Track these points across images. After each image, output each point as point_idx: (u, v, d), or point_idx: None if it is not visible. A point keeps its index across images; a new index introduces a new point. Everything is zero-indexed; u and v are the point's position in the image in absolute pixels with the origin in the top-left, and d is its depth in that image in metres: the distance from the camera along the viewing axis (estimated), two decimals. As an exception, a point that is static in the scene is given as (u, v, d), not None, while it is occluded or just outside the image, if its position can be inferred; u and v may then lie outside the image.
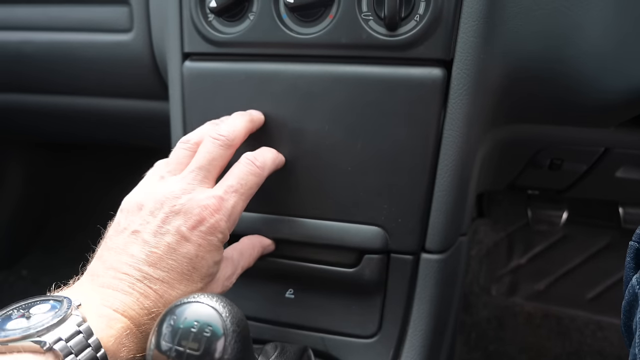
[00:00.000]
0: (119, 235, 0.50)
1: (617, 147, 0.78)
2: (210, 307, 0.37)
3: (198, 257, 0.49)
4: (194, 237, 0.48)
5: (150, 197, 0.51)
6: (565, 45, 0.61)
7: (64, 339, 0.39)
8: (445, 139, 0.62)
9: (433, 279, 0.65)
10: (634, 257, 0.50)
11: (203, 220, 0.49)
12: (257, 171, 0.56)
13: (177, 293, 0.47)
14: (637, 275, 0.47)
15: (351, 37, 0.61)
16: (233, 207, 0.52)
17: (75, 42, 0.83)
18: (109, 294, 0.45)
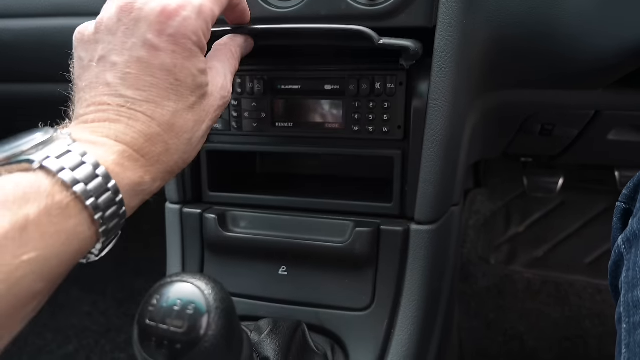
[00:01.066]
0: (86, 70, 0.45)
1: (607, 110, 0.77)
2: (193, 285, 0.37)
3: (177, 67, 0.43)
4: (164, 44, 0.43)
5: (104, 14, 0.46)
6: (548, 6, 0.59)
7: (55, 157, 0.36)
8: (431, 109, 0.62)
9: (424, 250, 0.66)
10: (620, 217, 0.51)
11: (168, 21, 0.43)
12: None
13: (168, 110, 0.43)
14: (623, 235, 0.47)
15: (330, 9, 0.60)
16: (201, 2, 0.45)
17: (56, 27, 0.81)
18: (97, 126, 0.41)
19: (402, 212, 0.67)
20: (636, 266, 0.44)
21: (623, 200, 0.51)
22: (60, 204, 0.35)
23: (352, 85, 0.65)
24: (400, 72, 0.63)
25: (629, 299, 0.43)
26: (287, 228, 0.69)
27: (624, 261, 0.46)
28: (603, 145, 0.88)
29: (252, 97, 0.69)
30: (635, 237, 0.46)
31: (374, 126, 0.66)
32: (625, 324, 0.43)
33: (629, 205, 0.50)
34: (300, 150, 0.71)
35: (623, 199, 0.51)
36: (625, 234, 0.47)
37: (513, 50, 0.63)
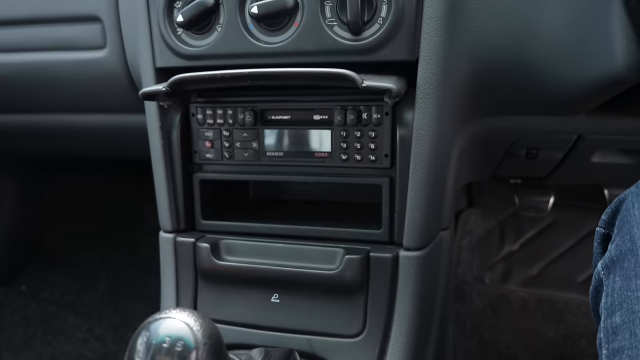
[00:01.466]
0: None
1: (589, 134, 0.79)
2: (181, 321, 0.38)
3: None
4: None
5: None
6: (527, 38, 0.62)
7: None
8: (416, 138, 0.63)
9: (413, 276, 0.67)
10: (600, 242, 0.51)
11: None
12: None
13: None
14: (602, 261, 0.48)
15: (317, 44, 0.62)
16: None
17: (50, 61, 0.83)
18: None
19: (391, 238, 0.69)
20: (614, 292, 0.45)
21: (602, 225, 0.52)
22: None
23: (340, 116, 0.67)
24: (386, 103, 0.65)
25: (608, 325, 0.44)
26: (279, 256, 0.70)
27: (604, 287, 0.47)
28: (588, 167, 0.90)
29: (243, 127, 0.71)
30: (614, 263, 0.47)
31: (362, 155, 0.68)
32: (605, 350, 0.44)
33: (608, 230, 0.51)
34: (290, 179, 0.73)
35: (602, 224, 0.52)
36: (604, 260, 0.48)
37: (493, 81, 0.65)
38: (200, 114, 0.73)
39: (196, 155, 0.74)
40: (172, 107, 0.73)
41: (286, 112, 0.70)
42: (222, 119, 0.72)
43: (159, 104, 0.70)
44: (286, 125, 0.70)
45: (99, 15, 0.79)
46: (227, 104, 0.72)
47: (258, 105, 0.71)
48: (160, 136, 0.73)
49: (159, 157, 0.73)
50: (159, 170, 0.74)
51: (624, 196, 0.51)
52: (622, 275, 0.45)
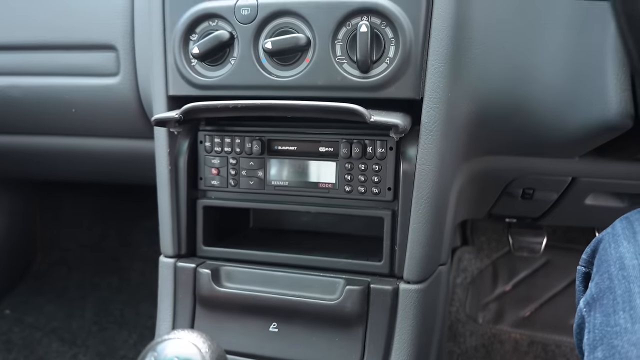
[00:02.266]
0: None
1: (583, 177, 0.82)
2: (190, 342, 0.38)
3: None
4: None
5: None
6: (525, 82, 0.65)
7: None
8: (419, 173, 0.66)
9: (413, 309, 0.67)
10: (582, 280, 0.54)
11: None
12: None
13: None
14: (583, 298, 0.50)
15: (327, 80, 0.65)
16: None
17: (63, 86, 0.85)
18: None
19: (392, 270, 0.70)
20: (595, 328, 0.47)
21: (583, 264, 0.55)
22: None
23: (345, 148, 0.69)
24: (391, 138, 0.68)
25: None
26: (279, 284, 0.71)
27: (586, 324, 0.49)
28: (581, 209, 0.93)
29: (249, 156, 0.73)
30: (594, 301, 0.49)
31: (365, 187, 0.69)
32: None
33: (588, 269, 0.54)
34: (294, 208, 0.74)
35: (583, 262, 0.55)
36: (585, 298, 0.50)
37: (492, 122, 0.68)
38: (208, 142, 0.75)
39: (202, 181, 0.76)
40: (181, 135, 0.75)
41: (293, 143, 0.72)
42: (229, 147, 0.74)
43: (169, 130, 0.72)
44: (292, 155, 0.72)
45: (114, 44, 0.82)
46: (235, 132, 0.74)
47: (265, 135, 0.73)
48: (168, 162, 0.74)
49: (165, 183, 0.75)
50: (164, 195, 0.75)
51: (601, 237, 0.54)
52: (602, 311, 0.47)
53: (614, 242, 0.51)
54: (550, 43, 0.63)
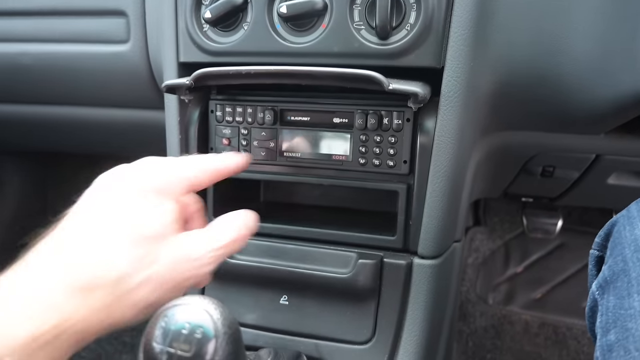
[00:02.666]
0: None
1: (607, 154, 0.79)
2: (201, 309, 0.37)
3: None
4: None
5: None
6: (553, 52, 0.62)
7: None
8: (437, 146, 0.63)
9: (426, 285, 0.66)
10: (594, 264, 0.53)
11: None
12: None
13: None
14: (596, 281, 0.49)
15: (343, 46, 0.62)
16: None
17: (73, 53, 0.84)
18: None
19: (405, 245, 0.68)
20: (608, 311, 0.46)
21: (596, 248, 0.54)
22: None
23: (360, 120, 0.67)
24: (408, 109, 0.65)
25: (604, 343, 0.45)
26: (290, 257, 0.70)
27: (598, 306, 0.48)
28: (602, 189, 0.90)
29: (261, 126, 0.71)
30: (607, 283, 0.48)
31: (380, 160, 0.67)
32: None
33: (602, 253, 0.53)
34: (306, 180, 0.72)
35: (596, 246, 0.54)
36: (598, 281, 0.50)
37: (517, 94, 0.65)
38: (220, 111, 0.73)
39: (212, 152, 0.74)
40: (192, 103, 0.73)
41: (306, 113, 0.70)
42: (241, 117, 0.72)
43: (180, 98, 0.70)
44: (305, 126, 0.70)
45: (124, 9, 0.80)
46: (247, 102, 0.72)
47: (278, 105, 0.71)
48: (179, 131, 0.72)
49: (176, 152, 0.73)
50: (174, 165, 0.74)
51: (616, 219, 0.53)
52: (615, 294, 0.47)
53: (629, 224, 0.50)
54: (582, 10, 0.59)
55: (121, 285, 0.40)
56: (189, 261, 0.44)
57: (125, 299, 0.40)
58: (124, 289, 0.40)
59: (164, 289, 0.42)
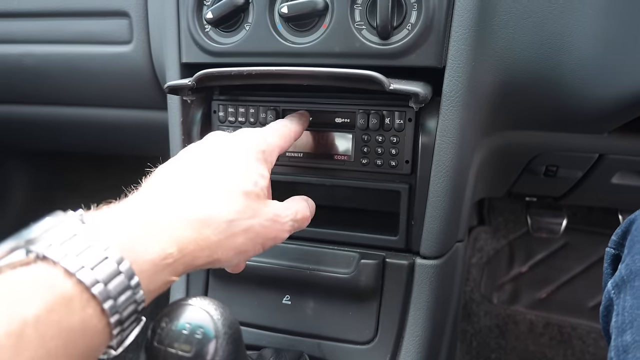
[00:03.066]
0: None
1: (611, 154, 0.78)
2: (202, 309, 0.37)
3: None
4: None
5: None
6: (555, 52, 0.62)
7: (58, 243, 0.33)
8: (439, 146, 0.63)
9: (428, 285, 0.66)
10: (610, 262, 0.52)
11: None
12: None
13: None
14: (612, 280, 0.48)
15: (344, 46, 0.62)
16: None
17: (76, 54, 0.84)
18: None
19: (408, 246, 0.68)
20: (624, 311, 0.45)
21: (612, 246, 0.53)
22: (62, 297, 0.31)
23: (362, 119, 0.67)
24: (410, 109, 0.65)
25: (619, 344, 0.44)
26: (292, 257, 0.70)
27: (614, 306, 0.47)
28: (606, 188, 0.89)
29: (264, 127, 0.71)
30: (624, 283, 0.47)
31: (382, 160, 0.67)
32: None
33: (618, 251, 0.52)
34: (308, 180, 0.72)
35: (612, 244, 0.53)
36: (614, 279, 0.49)
37: (518, 93, 0.65)
38: (222, 112, 0.73)
39: (215, 152, 0.74)
40: (194, 104, 0.73)
41: (308, 113, 0.70)
42: (243, 117, 0.72)
43: (182, 98, 0.70)
44: (307, 126, 0.70)
45: (127, 10, 0.80)
46: (249, 102, 0.72)
47: (280, 105, 0.71)
48: (181, 131, 0.73)
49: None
50: (177, 165, 0.74)
51: (635, 217, 0.52)
52: (632, 294, 0.46)
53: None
54: (584, 9, 0.59)
55: (229, 228, 0.44)
56: (277, 223, 0.50)
57: (228, 242, 0.44)
58: (230, 232, 0.44)
59: (256, 241, 0.48)
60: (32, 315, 0.29)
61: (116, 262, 0.34)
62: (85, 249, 0.33)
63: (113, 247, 0.34)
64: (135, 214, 0.40)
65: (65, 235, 0.34)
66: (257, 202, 0.49)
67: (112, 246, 0.34)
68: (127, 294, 0.34)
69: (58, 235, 0.34)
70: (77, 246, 0.33)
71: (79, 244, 0.33)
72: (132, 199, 0.43)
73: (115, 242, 0.35)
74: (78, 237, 0.34)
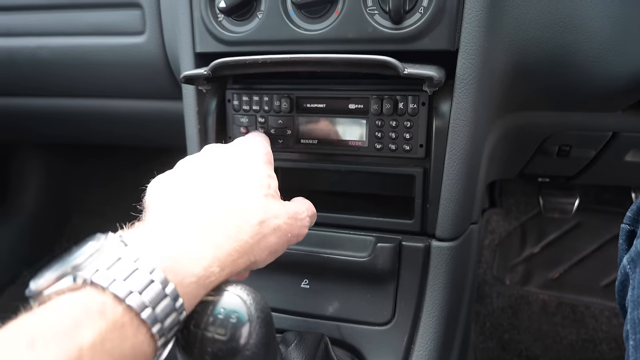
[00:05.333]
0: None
1: (624, 131, 0.78)
2: (235, 295, 0.39)
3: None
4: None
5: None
6: (568, 30, 0.61)
7: (105, 268, 0.33)
8: (453, 129, 0.64)
9: (444, 266, 0.67)
10: (625, 238, 0.53)
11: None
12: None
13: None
14: (628, 255, 0.49)
15: (357, 32, 0.62)
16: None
17: (90, 45, 0.85)
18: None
19: (423, 228, 0.69)
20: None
21: (627, 222, 0.53)
22: (114, 324, 0.31)
23: (376, 105, 0.67)
24: (423, 93, 0.66)
25: (635, 317, 0.45)
26: (309, 242, 0.71)
27: (630, 280, 0.48)
28: (620, 167, 0.89)
29: (278, 114, 0.72)
30: (639, 257, 0.47)
31: (397, 144, 0.68)
32: (632, 341, 0.45)
33: (633, 227, 0.53)
34: (323, 166, 0.73)
35: (627, 220, 0.53)
36: (629, 254, 0.49)
37: (532, 73, 0.65)
38: (236, 100, 0.74)
39: (230, 140, 0.75)
40: (209, 93, 0.74)
41: (322, 100, 0.71)
42: (257, 105, 0.73)
43: (197, 88, 0.71)
44: (321, 113, 0.71)
45: (139, 1, 0.80)
46: (263, 90, 0.72)
47: (294, 92, 0.71)
48: (197, 121, 0.74)
49: (195, 142, 0.74)
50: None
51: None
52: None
53: None
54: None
55: (261, 230, 0.46)
56: (298, 220, 0.52)
57: (261, 243, 0.46)
58: (262, 233, 0.46)
59: (285, 239, 0.50)
60: (87, 343, 0.29)
61: (161, 284, 0.34)
62: (131, 273, 0.33)
63: (158, 270, 0.34)
64: (174, 233, 0.40)
65: (110, 259, 0.34)
66: (276, 202, 0.51)
67: (157, 269, 0.34)
68: (172, 316, 0.35)
69: (103, 260, 0.34)
70: (123, 270, 0.33)
71: (125, 268, 0.33)
72: (162, 215, 0.43)
73: (159, 264, 0.35)
74: (123, 260, 0.34)
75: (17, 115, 1.04)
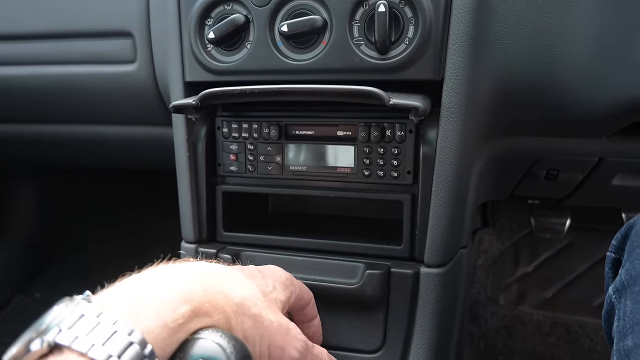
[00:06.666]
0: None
1: (610, 157, 0.79)
2: (214, 342, 0.38)
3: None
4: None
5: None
6: (552, 60, 0.63)
7: (68, 328, 0.33)
8: (439, 156, 0.64)
9: (434, 293, 0.67)
10: (611, 267, 0.53)
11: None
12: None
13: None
14: (613, 285, 0.49)
15: (344, 62, 0.63)
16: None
17: (82, 74, 0.86)
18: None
19: (412, 254, 0.69)
20: (625, 316, 0.46)
21: (612, 250, 0.53)
22: None
23: (364, 132, 0.68)
24: (410, 120, 0.66)
25: (621, 348, 0.45)
26: (298, 269, 0.71)
27: (615, 310, 0.48)
28: (608, 190, 0.90)
29: (267, 142, 0.73)
30: (624, 287, 0.48)
31: (384, 171, 0.69)
32: None
33: (619, 255, 0.53)
34: (312, 193, 0.74)
35: (612, 249, 0.54)
36: (615, 284, 0.49)
37: (516, 101, 0.66)
38: (226, 128, 0.74)
39: (220, 167, 0.76)
40: (199, 121, 0.74)
41: (310, 127, 0.72)
42: (247, 132, 0.73)
43: (187, 116, 0.72)
44: (310, 140, 0.72)
45: (130, 30, 0.82)
46: (253, 118, 0.73)
47: (283, 120, 0.72)
48: (186, 148, 0.74)
49: (184, 169, 0.75)
50: (183, 181, 0.75)
51: (634, 222, 0.53)
52: (632, 299, 0.47)
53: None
54: (578, 20, 0.60)
55: (265, 294, 0.49)
56: (289, 335, 0.49)
57: (271, 302, 0.49)
58: (267, 292, 0.50)
59: (286, 291, 0.53)
60: None
61: (127, 333, 0.33)
62: (94, 327, 0.33)
63: (121, 320, 0.34)
64: (140, 285, 0.39)
65: (73, 318, 0.34)
66: (270, 301, 0.50)
67: (120, 319, 0.34)
68: None
69: (66, 320, 0.34)
70: (85, 326, 0.33)
71: (87, 323, 0.33)
72: (128, 279, 0.42)
73: (122, 314, 0.35)
74: (86, 317, 0.34)
75: (9, 141, 1.05)
